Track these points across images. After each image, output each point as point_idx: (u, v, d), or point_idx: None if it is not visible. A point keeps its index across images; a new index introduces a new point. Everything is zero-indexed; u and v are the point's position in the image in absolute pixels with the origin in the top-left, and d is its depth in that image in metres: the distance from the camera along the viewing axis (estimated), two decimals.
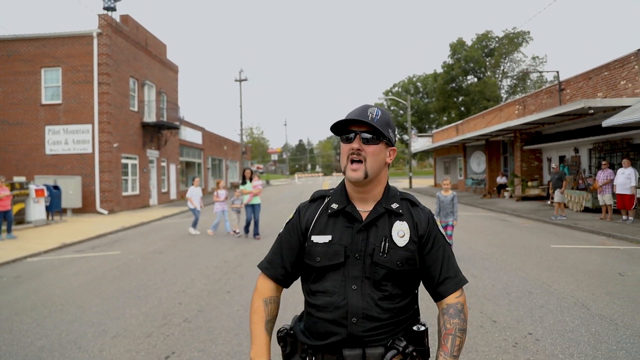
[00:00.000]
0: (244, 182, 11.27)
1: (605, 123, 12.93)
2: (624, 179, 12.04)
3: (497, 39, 53.74)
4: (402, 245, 1.53)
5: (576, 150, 18.38)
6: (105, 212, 19.63)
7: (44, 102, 20.23)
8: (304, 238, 1.62)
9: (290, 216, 1.70)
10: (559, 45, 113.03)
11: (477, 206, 19.48)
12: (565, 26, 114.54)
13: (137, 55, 23.33)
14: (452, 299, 1.55)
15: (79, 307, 5.65)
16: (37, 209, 15.52)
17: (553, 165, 14.31)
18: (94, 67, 19.99)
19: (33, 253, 10.04)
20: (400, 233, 1.55)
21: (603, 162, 13.44)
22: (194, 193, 12.90)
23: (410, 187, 35.63)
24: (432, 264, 1.57)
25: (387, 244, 1.52)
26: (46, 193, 15.99)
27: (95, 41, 19.98)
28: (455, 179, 33.42)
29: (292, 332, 1.62)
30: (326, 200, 1.64)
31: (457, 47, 54.41)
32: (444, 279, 1.57)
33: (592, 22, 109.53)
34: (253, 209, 11.18)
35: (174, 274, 7.40)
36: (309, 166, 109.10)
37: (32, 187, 15.40)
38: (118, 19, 21.92)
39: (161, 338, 4.44)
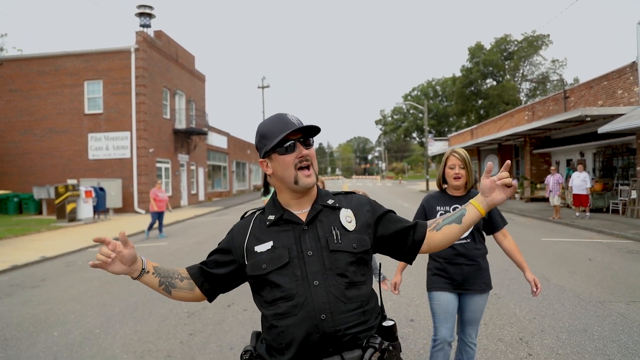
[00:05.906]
0: (266, 192, 9.87)
1: (601, 130, 14.13)
2: (580, 181, 13.86)
3: (516, 42, 54.26)
4: (352, 229, 1.57)
5: (582, 154, 19.47)
6: (143, 211, 21.50)
7: (86, 111, 22.25)
8: (240, 254, 1.61)
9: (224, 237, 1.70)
10: (580, 48, 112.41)
11: None
12: (585, 28, 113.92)
13: (169, 67, 25.25)
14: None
15: None
16: (85, 208, 17.42)
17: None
18: (131, 79, 21.92)
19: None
20: (348, 219, 1.59)
21: (552, 168, 15.16)
22: None
23: (427, 189, 36.83)
24: (395, 229, 1.65)
25: (338, 232, 1.55)
26: (93, 194, 17.88)
27: (133, 56, 21.92)
28: None
29: (255, 353, 1.58)
30: (257, 214, 1.67)
31: (476, 51, 55.19)
32: (412, 230, 1.65)
33: (613, 23, 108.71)
34: None
35: None
36: (329, 169, 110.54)
37: (82, 189, 17.30)
38: (152, 34, 23.91)
39: (222, 295, 5.98)
